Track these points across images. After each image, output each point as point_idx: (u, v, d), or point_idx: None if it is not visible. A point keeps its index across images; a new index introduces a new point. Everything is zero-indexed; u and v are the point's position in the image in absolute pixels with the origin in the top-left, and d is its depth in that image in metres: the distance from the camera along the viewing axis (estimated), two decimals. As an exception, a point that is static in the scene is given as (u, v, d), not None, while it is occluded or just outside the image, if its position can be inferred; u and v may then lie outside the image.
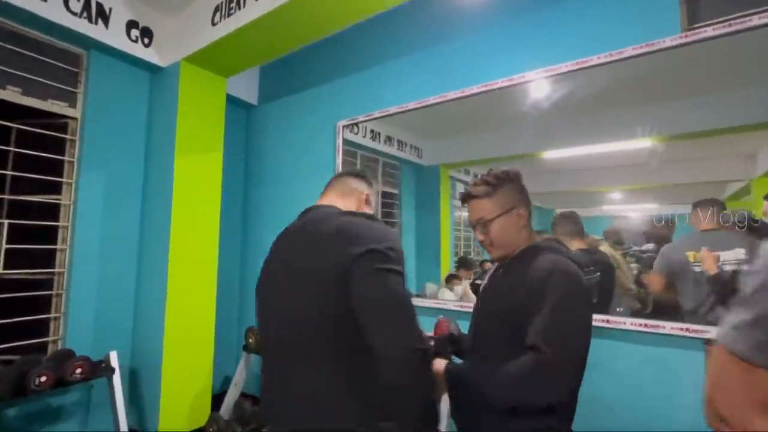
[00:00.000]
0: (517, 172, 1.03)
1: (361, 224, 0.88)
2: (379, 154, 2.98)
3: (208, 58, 2.26)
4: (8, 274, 1.94)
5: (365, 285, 0.79)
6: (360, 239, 0.82)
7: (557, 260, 0.91)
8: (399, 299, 0.78)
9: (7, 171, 1.97)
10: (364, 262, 0.79)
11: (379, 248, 0.80)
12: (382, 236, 0.84)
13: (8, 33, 1.93)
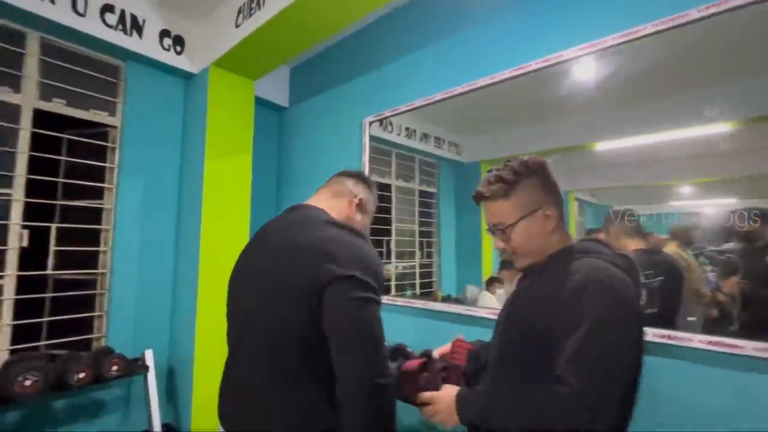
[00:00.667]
0: (541, 162, 0.85)
1: (343, 242, 0.82)
2: (415, 153, 2.86)
3: (234, 61, 2.27)
4: (58, 275, 2.08)
5: (338, 314, 0.76)
6: (339, 260, 0.78)
7: (595, 266, 0.73)
8: (369, 332, 0.76)
9: (58, 179, 2.12)
10: (341, 288, 0.76)
11: (357, 275, 0.76)
12: (363, 260, 0.79)
13: (53, 48, 2.06)
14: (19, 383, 1.61)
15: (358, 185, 1.03)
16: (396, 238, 2.81)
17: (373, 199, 1.07)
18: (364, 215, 1.03)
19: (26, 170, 1.92)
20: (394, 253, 2.76)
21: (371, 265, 0.79)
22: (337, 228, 0.84)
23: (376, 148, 2.69)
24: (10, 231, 1.87)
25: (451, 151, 2.62)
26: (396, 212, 2.75)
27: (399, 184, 2.89)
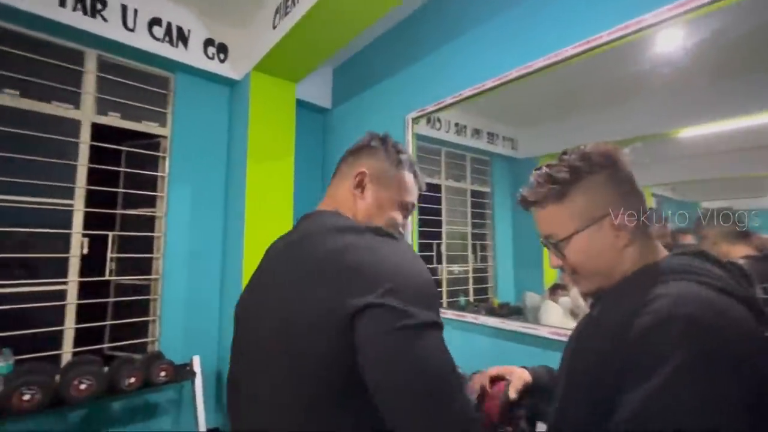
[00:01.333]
0: (610, 153, 0.63)
1: (358, 251, 0.57)
2: (466, 150, 2.65)
3: (274, 64, 2.23)
4: (117, 280, 2.18)
5: (378, 360, 0.52)
6: (361, 281, 0.54)
7: (684, 295, 0.51)
8: (433, 373, 0.51)
9: (116, 189, 2.23)
10: (372, 323, 0.52)
11: (389, 301, 0.52)
12: (398, 271, 0.55)
13: (108, 64, 2.16)
14: (75, 386, 1.68)
15: (358, 158, 0.75)
16: (447, 241, 2.63)
17: (391, 161, 0.75)
18: (375, 190, 0.73)
19: (86, 181, 2.03)
20: (446, 257, 2.58)
21: (412, 275, 0.56)
22: (352, 234, 0.61)
23: (424, 147, 2.51)
24: (72, 239, 1.97)
25: (505, 146, 2.38)
26: (447, 214, 2.57)
27: (449, 184, 2.70)
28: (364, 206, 0.72)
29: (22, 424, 1.72)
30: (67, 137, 1.99)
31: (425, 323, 0.52)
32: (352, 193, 0.72)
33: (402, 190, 0.76)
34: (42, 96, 1.93)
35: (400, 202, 0.76)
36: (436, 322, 0.54)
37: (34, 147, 1.88)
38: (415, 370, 0.51)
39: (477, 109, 2.09)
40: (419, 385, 0.50)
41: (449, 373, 0.52)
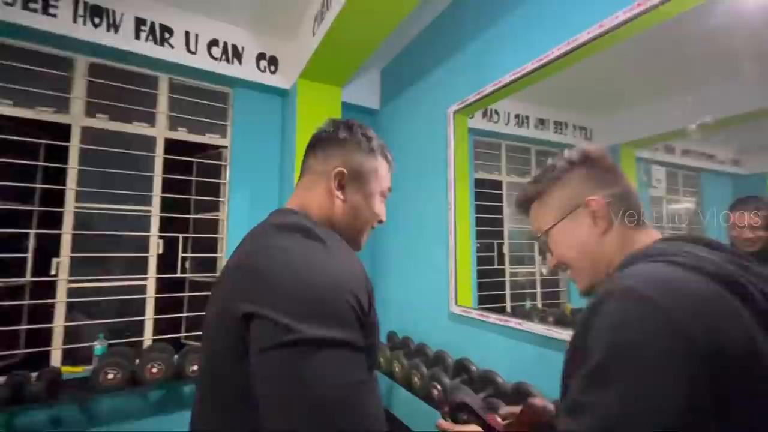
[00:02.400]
0: (587, 151, 0.64)
1: (269, 254, 0.53)
2: (530, 142, 2.46)
3: (316, 70, 2.30)
4: (190, 277, 2.44)
5: (256, 372, 0.47)
6: (255, 286, 0.50)
7: (635, 273, 0.47)
8: (312, 398, 0.43)
9: (187, 196, 2.51)
10: (255, 333, 0.47)
11: (273, 313, 0.46)
12: (290, 281, 0.48)
13: (177, 85, 2.44)
14: (149, 369, 1.91)
15: (329, 153, 0.68)
16: (510, 241, 2.45)
17: (364, 151, 0.69)
18: (357, 188, 0.68)
19: (160, 190, 2.31)
20: (508, 258, 2.41)
21: (312, 287, 0.48)
22: (281, 234, 0.57)
23: (481, 142, 2.38)
24: (150, 241, 2.26)
25: (577, 136, 2.13)
26: (509, 212, 2.40)
27: (511, 180, 2.52)
28: (345, 207, 0.68)
29: (109, 400, 2.01)
30: (145, 152, 2.29)
31: (313, 340, 0.45)
32: (330, 194, 0.67)
33: (381, 178, 0.72)
34: (125, 117, 2.25)
35: (381, 191, 0.73)
36: (334, 339, 0.46)
37: (119, 162, 2.20)
38: (289, 393, 0.44)
39: (541, 98, 1.93)
40: (291, 409, 0.43)
41: (336, 398, 0.44)
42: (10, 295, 1.99)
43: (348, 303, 0.49)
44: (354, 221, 0.69)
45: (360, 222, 0.70)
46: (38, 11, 1.90)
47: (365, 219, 0.71)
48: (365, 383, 0.47)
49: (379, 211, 0.73)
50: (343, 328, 0.47)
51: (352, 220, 0.69)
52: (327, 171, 0.67)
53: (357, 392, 0.46)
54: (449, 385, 1.60)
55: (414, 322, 2.35)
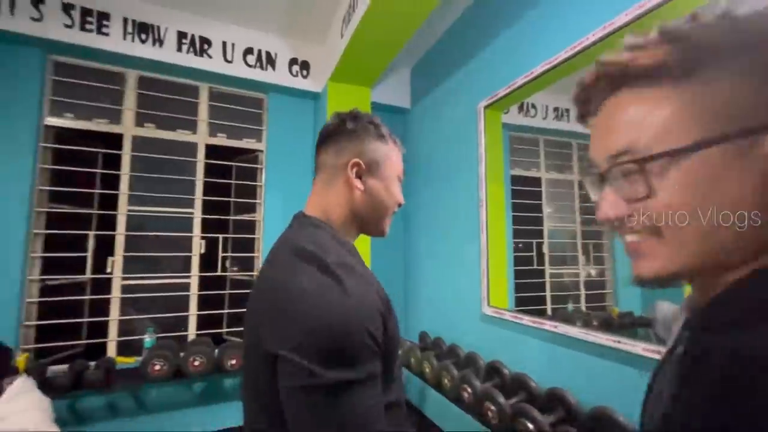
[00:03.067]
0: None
1: (290, 293, 0.54)
2: (570, 136, 2.35)
3: (345, 71, 2.33)
4: (229, 276, 2.57)
5: (286, 411, 0.52)
6: (280, 327, 0.53)
7: None
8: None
9: (230, 198, 2.64)
10: (282, 375, 0.52)
11: (295, 356, 0.49)
12: (309, 324, 0.50)
13: (215, 93, 2.57)
14: (191, 362, 2.03)
15: (342, 146, 0.68)
16: (550, 240, 2.35)
17: (374, 138, 0.69)
18: (375, 176, 0.68)
19: (202, 193, 2.45)
20: (548, 258, 2.30)
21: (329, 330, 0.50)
22: (299, 266, 0.58)
23: (517, 138, 2.30)
24: (193, 241, 2.40)
25: None
26: (549, 210, 2.30)
27: (551, 176, 2.41)
28: (365, 197, 0.68)
29: (157, 389, 2.16)
30: (188, 158, 2.44)
31: (333, 384, 0.49)
32: (349, 186, 0.67)
33: (395, 163, 0.72)
34: (170, 126, 2.41)
35: (397, 175, 0.73)
36: (353, 380, 0.50)
37: (163, 167, 2.36)
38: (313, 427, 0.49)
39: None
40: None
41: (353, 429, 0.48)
42: (74, 291, 2.19)
43: (363, 342, 0.51)
44: (376, 209, 0.70)
45: (382, 208, 0.70)
46: (93, 31, 2.08)
47: (386, 205, 0.71)
48: (378, 404, 0.52)
49: (398, 194, 0.73)
50: (360, 366, 0.51)
51: (374, 208, 0.69)
52: (342, 164, 0.67)
53: (370, 416, 0.50)
54: (480, 389, 1.55)
55: (446, 323, 2.31)
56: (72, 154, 2.19)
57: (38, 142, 2.07)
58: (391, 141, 0.73)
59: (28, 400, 1.21)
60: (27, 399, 1.21)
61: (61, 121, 2.16)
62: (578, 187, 2.42)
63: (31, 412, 1.18)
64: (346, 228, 0.69)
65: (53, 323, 2.07)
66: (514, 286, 2.12)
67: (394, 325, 0.59)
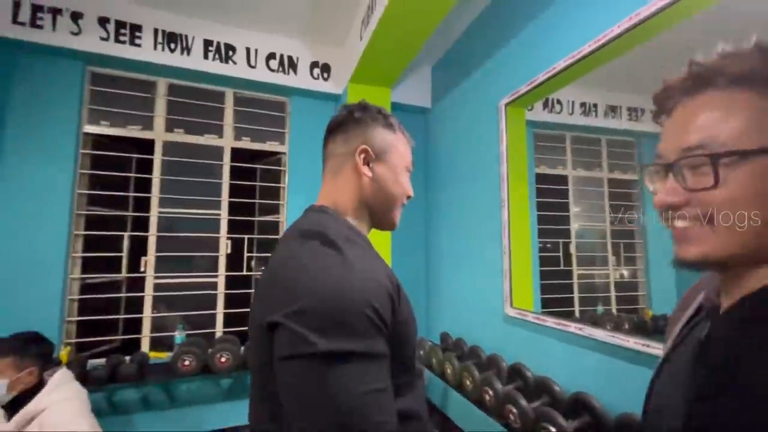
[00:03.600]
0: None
1: (290, 263, 0.54)
2: (598, 132, 2.27)
3: (365, 72, 2.35)
4: (252, 276, 2.64)
5: (279, 380, 0.50)
6: (278, 295, 0.52)
7: None
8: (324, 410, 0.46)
9: (255, 200, 2.71)
10: (277, 343, 0.50)
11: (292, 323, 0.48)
12: (309, 291, 0.49)
13: (240, 98, 2.65)
14: (218, 359, 2.10)
15: (349, 135, 0.68)
16: (577, 240, 2.28)
17: (383, 126, 0.69)
18: (383, 163, 0.68)
19: (228, 195, 2.53)
20: (575, 258, 2.24)
21: (330, 298, 0.48)
22: (302, 241, 0.58)
23: (542, 135, 2.24)
24: (219, 242, 2.49)
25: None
26: (576, 209, 2.23)
27: (578, 174, 2.34)
28: (373, 184, 0.67)
29: (186, 384, 2.24)
30: (215, 161, 2.52)
31: (328, 353, 0.46)
32: (357, 173, 0.67)
33: (403, 153, 0.71)
34: (198, 130, 2.50)
35: (406, 166, 0.72)
36: (349, 351, 0.47)
37: (192, 171, 2.45)
38: (305, 404, 0.46)
39: (611, 83, 1.79)
40: (308, 417, 0.46)
41: (349, 409, 0.45)
42: (111, 289, 2.32)
43: (364, 314, 0.49)
44: (385, 197, 0.69)
45: (390, 198, 0.69)
46: (126, 42, 2.19)
47: (395, 194, 0.70)
48: (381, 391, 0.48)
49: (407, 185, 0.72)
50: (359, 339, 0.48)
51: (382, 196, 0.69)
52: (350, 151, 0.67)
53: (370, 401, 0.47)
54: (502, 391, 1.52)
55: (467, 324, 2.28)
56: (108, 159, 2.32)
57: (78, 148, 2.20)
58: (400, 131, 0.72)
59: (67, 390, 1.28)
60: (67, 389, 1.28)
61: (98, 128, 2.29)
62: (608, 184, 2.33)
63: (72, 401, 1.25)
64: (357, 219, 0.68)
65: (92, 319, 2.20)
66: (539, 287, 2.07)
67: (406, 314, 0.57)
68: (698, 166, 0.39)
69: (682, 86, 0.43)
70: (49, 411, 1.17)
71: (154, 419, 2.17)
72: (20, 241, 2.02)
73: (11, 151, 2.05)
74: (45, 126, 2.11)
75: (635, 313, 2.05)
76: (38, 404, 1.18)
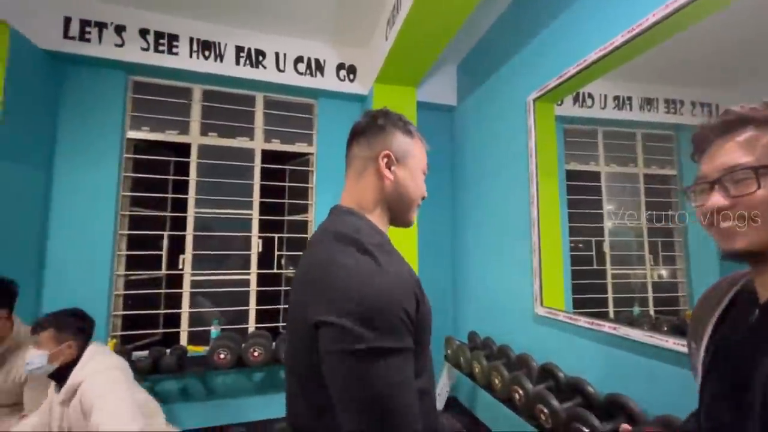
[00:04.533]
0: None
1: (332, 267, 0.60)
2: (633, 126, 2.19)
3: (390, 73, 2.37)
4: (283, 273, 2.72)
5: (327, 375, 0.57)
6: (324, 296, 0.58)
7: None
8: (372, 401, 0.53)
9: (285, 200, 2.80)
10: (324, 339, 0.56)
11: (339, 320, 0.54)
12: (352, 292, 0.56)
13: (269, 101, 2.73)
14: (251, 353, 2.18)
15: (372, 140, 0.73)
16: (611, 238, 2.20)
17: (403, 133, 0.75)
18: (404, 167, 0.73)
19: (259, 195, 2.62)
20: (609, 257, 2.17)
21: (371, 297, 0.55)
22: (340, 246, 0.63)
23: (573, 130, 2.19)
24: (251, 240, 2.58)
25: (699, 114, 1.84)
26: (610, 206, 2.16)
27: (612, 170, 2.26)
28: (394, 187, 0.73)
29: (222, 376, 2.34)
30: (246, 162, 2.62)
31: (377, 348, 0.53)
32: (379, 176, 0.72)
33: (421, 158, 0.77)
34: (230, 134, 2.61)
35: (422, 169, 0.77)
36: (391, 348, 0.54)
37: (224, 172, 2.56)
38: (355, 396, 0.53)
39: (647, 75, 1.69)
40: (356, 409, 0.53)
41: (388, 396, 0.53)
42: (152, 285, 2.45)
43: (399, 317, 0.55)
44: (403, 199, 0.74)
45: (409, 199, 0.75)
46: (165, 52, 2.31)
47: (413, 196, 0.75)
48: (409, 379, 0.56)
49: (423, 187, 0.78)
50: (398, 338, 0.55)
51: (401, 197, 0.74)
52: (374, 156, 0.72)
53: (403, 388, 0.55)
54: (532, 391, 1.50)
55: (496, 323, 2.26)
56: (148, 162, 2.45)
57: (122, 153, 2.34)
58: (417, 137, 0.78)
59: (101, 362, 1.27)
60: (99, 361, 1.27)
61: (140, 133, 2.43)
62: (644, 180, 2.24)
63: (106, 372, 1.23)
64: (378, 218, 0.73)
65: (136, 314, 2.33)
66: (570, 286, 2.02)
67: (426, 306, 0.63)
68: (741, 179, 0.52)
69: (717, 129, 0.56)
70: (85, 383, 1.20)
71: (192, 409, 2.28)
72: (73, 241, 2.18)
73: (63, 158, 2.21)
74: (93, 133, 2.26)
75: (675, 315, 1.96)
76: (75, 378, 1.22)
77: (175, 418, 2.23)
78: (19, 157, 1.98)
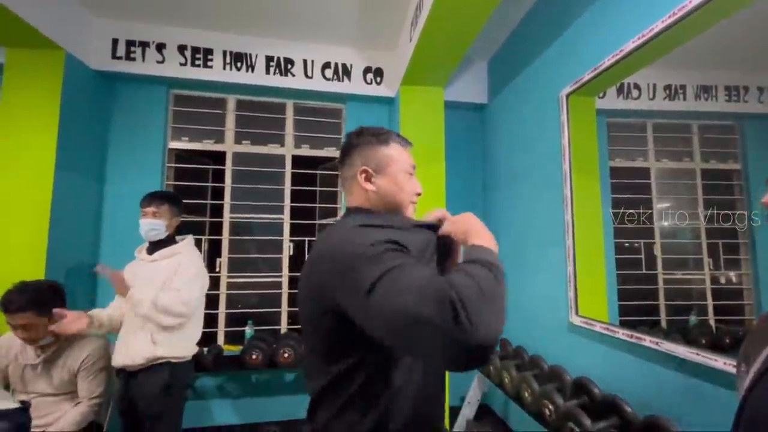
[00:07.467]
0: None
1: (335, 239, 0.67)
2: (688, 117, 2.01)
3: (415, 74, 2.33)
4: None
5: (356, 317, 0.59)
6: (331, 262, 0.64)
7: None
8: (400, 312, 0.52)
9: (315, 204, 2.85)
10: (342, 294, 0.61)
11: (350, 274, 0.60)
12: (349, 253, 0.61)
13: (299, 107, 2.79)
14: (281, 354, 2.24)
15: (352, 159, 0.81)
16: (663, 240, 2.03)
17: (376, 142, 0.80)
18: (383, 176, 0.79)
19: (290, 200, 2.68)
20: (661, 261, 2.00)
21: (361, 248, 0.60)
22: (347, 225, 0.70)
23: (617, 124, 2.03)
24: (283, 244, 2.65)
25: (766, 100, 1.65)
26: (661, 205, 2.00)
27: (663, 165, 2.08)
28: (378, 196, 0.79)
29: (255, 376, 2.43)
30: (278, 168, 2.70)
31: (377, 277, 0.54)
32: (363, 190, 0.79)
33: (399, 160, 0.81)
34: (262, 141, 2.70)
35: (405, 170, 0.81)
36: (389, 267, 0.55)
37: (257, 178, 2.65)
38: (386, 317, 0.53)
39: (703, 61, 1.57)
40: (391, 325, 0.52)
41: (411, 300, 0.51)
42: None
43: (385, 236, 0.61)
44: (391, 202, 0.80)
45: (395, 201, 0.81)
46: (201, 65, 2.44)
47: (398, 198, 0.80)
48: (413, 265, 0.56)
49: (410, 186, 0.82)
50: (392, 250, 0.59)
51: (387, 202, 0.80)
52: (353, 174, 0.80)
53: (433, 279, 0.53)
54: (563, 407, 1.40)
55: (528, 332, 2.14)
56: (187, 170, 2.60)
57: (164, 163, 2.50)
58: (395, 141, 0.82)
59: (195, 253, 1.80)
60: (195, 252, 1.80)
61: (180, 143, 2.58)
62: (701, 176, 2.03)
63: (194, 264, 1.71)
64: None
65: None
66: (616, 292, 1.87)
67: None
68: None
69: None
70: (183, 256, 1.68)
71: (227, 407, 2.39)
72: (123, 246, 2.35)
73: (114, 168, 2.40)
74: (139, 144, 2.44)
75: (740, 325, 1.76)
76: (176, 248, 1.70)
77: (211, 414, 2.34)
78: (75, 169, 2.17)
